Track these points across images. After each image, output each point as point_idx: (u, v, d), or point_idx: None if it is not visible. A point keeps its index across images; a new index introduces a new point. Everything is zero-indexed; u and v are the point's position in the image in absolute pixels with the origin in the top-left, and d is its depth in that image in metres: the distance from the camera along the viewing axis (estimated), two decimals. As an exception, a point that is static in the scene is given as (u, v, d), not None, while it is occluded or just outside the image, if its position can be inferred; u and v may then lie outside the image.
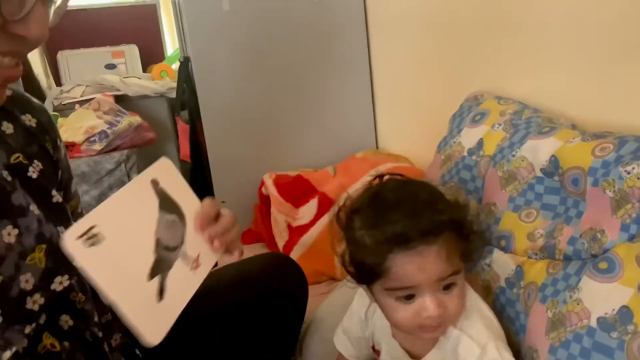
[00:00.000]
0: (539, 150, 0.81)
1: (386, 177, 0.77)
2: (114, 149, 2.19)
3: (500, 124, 0.90)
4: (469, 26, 1.20)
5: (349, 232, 0.71)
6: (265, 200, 1.59)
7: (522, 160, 0.83)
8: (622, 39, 0.82)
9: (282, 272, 1.02)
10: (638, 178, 0.67)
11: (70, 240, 0.50)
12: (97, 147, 2.14)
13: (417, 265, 0.65)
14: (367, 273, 0.69)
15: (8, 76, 0.50)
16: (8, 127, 0.62)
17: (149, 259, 0.59)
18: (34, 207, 0.58)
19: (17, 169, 0.60)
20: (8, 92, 0.61)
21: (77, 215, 0.73)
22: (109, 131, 2.16)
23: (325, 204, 1.45)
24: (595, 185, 0.72)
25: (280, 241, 1.47)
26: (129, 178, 2.22)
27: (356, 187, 1.45)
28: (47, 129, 0.68)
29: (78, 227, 0.51)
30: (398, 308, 0.68)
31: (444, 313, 0.67)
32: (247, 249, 0.85)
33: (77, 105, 2.28)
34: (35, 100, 0.69)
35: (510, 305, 0.81)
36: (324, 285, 1.35)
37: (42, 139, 0.66)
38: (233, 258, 0.72)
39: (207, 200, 0.69)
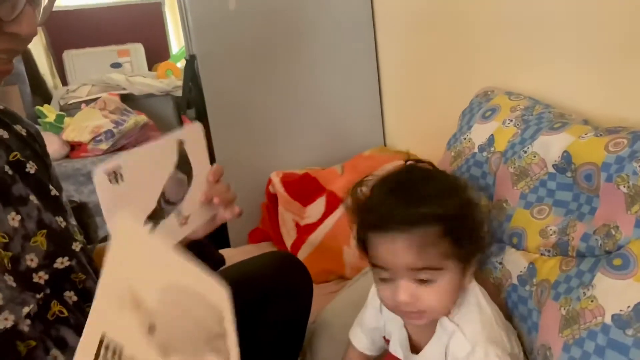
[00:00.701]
0: (551, 146, 0.80)
1: (409, 162, 0.78)
2: (120, 149, 2.19)
3: (511, 120, 0.90)
4: (477, 22, 1.19)
5: (354, 204, 0.75)
6: (272, 199, 1.58)
7: (534, 156, 0.82)
8: (635, 33, 0.81)
9: (285, 270, 1.02)
10: (653, 174, 0.66)
11: (99, 173, 0.59)
12: (104, 146, 2.15)
13: (388, 249, 0.68)
14: (361, 245, 0.74)
15: (3, 70, 0.57)
16: (4, 133, 0.68)
17: (150, 206, 0.68)
18: (33, 198, 0.65)
19: (17, 165, 0.66)
20: (1, 107, 0.70)
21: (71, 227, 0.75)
22: (115, 130, 2.16)
23: (333, 202, 1.45)
24: (609, 181, 0.71)
25: (288, 240, 1.47)
26: (135, 177, 2.22)
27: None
28: (36, 139, 0.74)
29: (107, 164, 0.60)
30: (380, 286, 0.73)
31: (418, 303, 0.69)
32: (255, 248, 0.85)
33: (83, 105, 2.28)
34: (23, 117, 0.77)
35: (522, 303, 0.80)
36: (333, 284, 1.35)
37: (34, 146, 0.73)
38: (233, 213, 0.79)
39: (217, 165, 0.80)
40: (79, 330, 0.63)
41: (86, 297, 0.67)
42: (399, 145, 1.72)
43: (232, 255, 1.13)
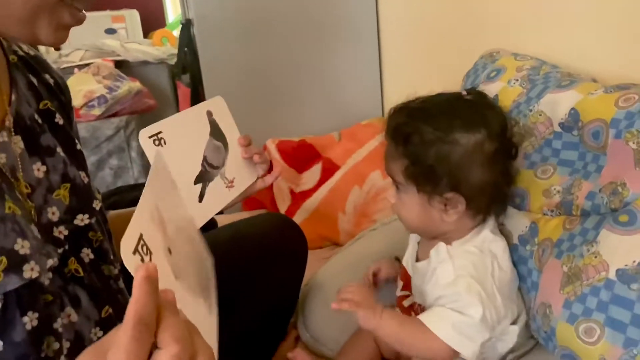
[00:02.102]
0: (558, 104, 0.78)
1: (466, 94, 0.79)
2: (113, 115, 2.15)
3: (517, 80, 0.87)
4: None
5: None
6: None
7: (540, 115, 0.80)
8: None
9: (280, 230, 1.01)
10: (664, 128, 0.64)
11: (144, 137, 0.67)
12: (97, 111, 2.11)
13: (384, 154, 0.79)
14: None
15: (79, 19, 0.57)
16: (34, 79, 0.66)
17: (196, 169, 0.76)
18: (59, 150, 0.63)
19: (47, 114, 0.65)
20: (32, 52, 0.68)
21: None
22: (108, 96, 2.12)
23: (329, 169, 1.43)
24: (618, 138, 0.69)
25: (283, 206, 1.45)
26: (128, 145, 2.19)
27: (362, 153, 1.44)
28: (63, 90, 0.72)
29: (150, 129, 0.69)
30: None
31: (396, 209, 0.79)
32: (249, 215, 0.86)
33: (75, 70, 2.24)
34: (52, 65, 0.74)
35: (522, 263, 0.79)
36: (327, 250, 1.33)
37: (60, 97, 0.71)
38: (274, 174, 0.91)
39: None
40: (91, 291, 0.62)
41: (103, 256, 0.66)
42: (398, 117, 1.70)
43: (225, 221, 1.11)
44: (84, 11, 0.58)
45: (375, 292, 0.92)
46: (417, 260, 0.82)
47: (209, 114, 0.80)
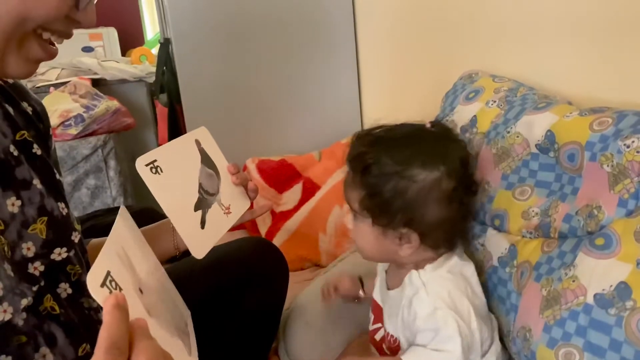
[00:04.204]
0: (534, 126, 0.78)
1: (429, 125, 0.79)
2: (91, 134, 2.12)
3: (494, 101, 0.88)
4: (459, 6, 1.17)
5: None
6: (247, 186, 1.54)
7: (517, 137, 0.81)
8: (618, 15, 0.81)
9: (260, 255, 1.00)
10: (638, 152, 0.65)
11: (140, 165, 0.68)
12: (73, 131, 2.07)
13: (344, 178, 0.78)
14: None
15: (51, 53, 0.57)
16: (10, 109, 0.64)
17: (194, 196, 0.76)
18: (37, 182, 0.61)
19: (23, 145, 0.63)
20: (10, 80, 0.67)
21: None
22: (85, 115, 2.08)
23: (309, 188, 1.42)
24: (593, 160, 0.70)
25: (263, 227, 1.44)
26: (106, 164, 2.15)
27: (342, 171, 1.44)
28: (42, 118, 0.71)
29: (145, 157, 0.69)
30: None
31: (352, 234, 0.79)
32: (228, 236, 0.88)
33: (51, 88, 2.20)
34: (31, 92, 0.74)
35: (502, 285, 0.79)
36: (308, 272, 1.32)
37: (38, 126, 0.69)
38: (265, 207, 0.95)
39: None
40: (68, 329, 0.60)
41: (81, 289, 0.64)
42: (377, 135, 1.70)
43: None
44: (56, 44, 0.57)
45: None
46: (388, 288, 0.81)
47: (198, 142, 0.81)
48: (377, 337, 0.82)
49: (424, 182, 0.70)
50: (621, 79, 0.82)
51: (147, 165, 0.69)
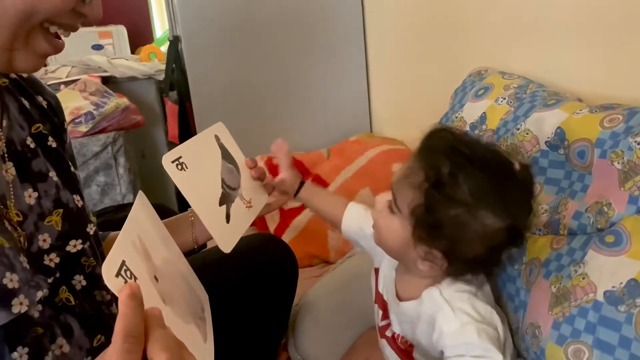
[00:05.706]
0: (544, 123, 0.78)
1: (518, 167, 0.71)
2: (101, 131, 2.13)
3: (504, 98, 0.88)
4: (468, 3, 1.17)
5: None
6: (256, 183, 1.55)
7: (527, 134, 0.81)
8: (628, 12, 0.80)
9: (270, 251, 1.00)
10: (648, 149, 0.65)
11: (167, 162, 0.69)
12: (83, 128, 2.09)
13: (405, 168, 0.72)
14: None
15: (58, 47, 0.57)
16: (25, 103, 0.65)
17: (218, 191, 0.78)
18: (52, 174, 0.62)
19: (39, 138, 0.63)
20: (24, 75, 0.67)
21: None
22: (95, 112, 2.10)
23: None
24: (603, 157, 0.70)
25: (272, 224, 1.44)
26: (116, 161, 2.17)
27: (351, 169, 1.44)
28: (56, 112, 0.71)
29: (171, 154, 0.70)
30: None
31: (377, 220, 0.74)
32: None
33: (62, 86, 2.22)
34: (46, 85, 0.74)
35: (511, 282, 0.79)
36: (317, 269, 1.32)
37: (53, 119, 0.69)
38: (281, 200, 0.93)
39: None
40: (83, 320, 0.61)
41: (95, 282, 0.65)
42: (386, 132, 1.70)
43: (214, 242, 1.10)
44: (63, 38, 0.57)
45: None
46: (398, 296, 0.78)
47: (217, 138, 0.82)
48: (389, 333, 0.82)
49: (486, 228, 0.66)
50: (631, 75, 0.82)
51: (173, 162, 0.70)
